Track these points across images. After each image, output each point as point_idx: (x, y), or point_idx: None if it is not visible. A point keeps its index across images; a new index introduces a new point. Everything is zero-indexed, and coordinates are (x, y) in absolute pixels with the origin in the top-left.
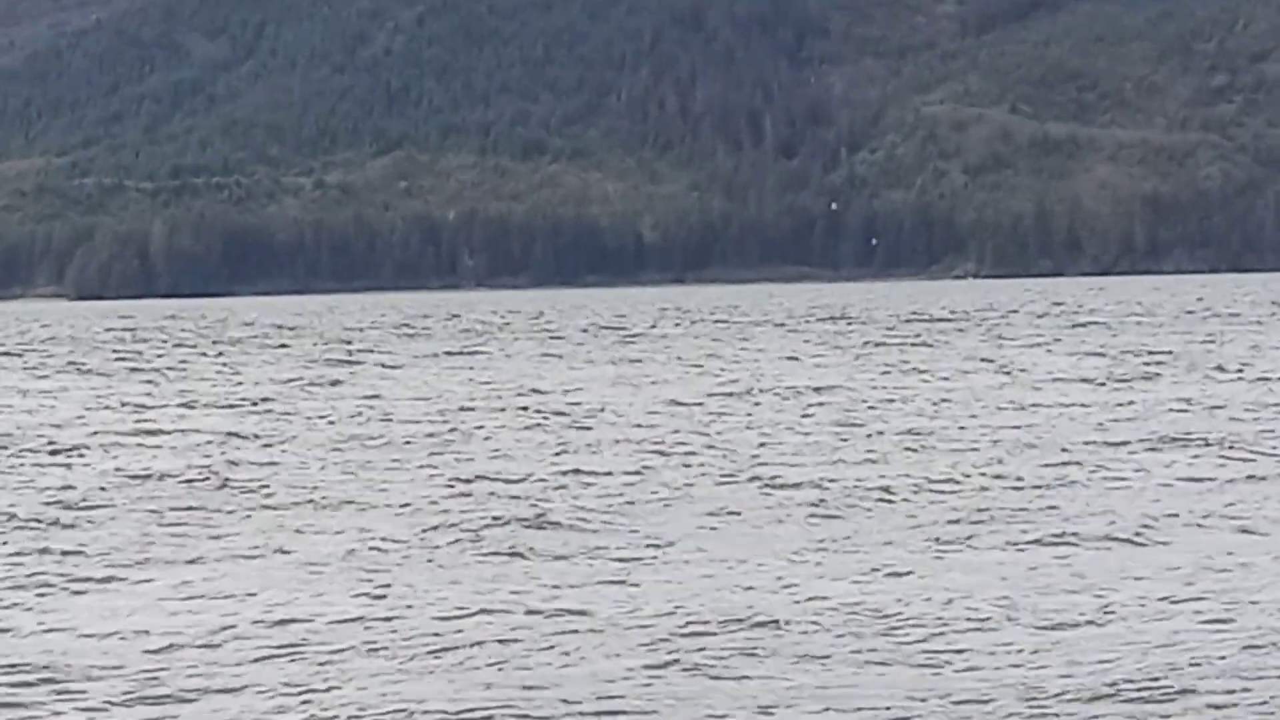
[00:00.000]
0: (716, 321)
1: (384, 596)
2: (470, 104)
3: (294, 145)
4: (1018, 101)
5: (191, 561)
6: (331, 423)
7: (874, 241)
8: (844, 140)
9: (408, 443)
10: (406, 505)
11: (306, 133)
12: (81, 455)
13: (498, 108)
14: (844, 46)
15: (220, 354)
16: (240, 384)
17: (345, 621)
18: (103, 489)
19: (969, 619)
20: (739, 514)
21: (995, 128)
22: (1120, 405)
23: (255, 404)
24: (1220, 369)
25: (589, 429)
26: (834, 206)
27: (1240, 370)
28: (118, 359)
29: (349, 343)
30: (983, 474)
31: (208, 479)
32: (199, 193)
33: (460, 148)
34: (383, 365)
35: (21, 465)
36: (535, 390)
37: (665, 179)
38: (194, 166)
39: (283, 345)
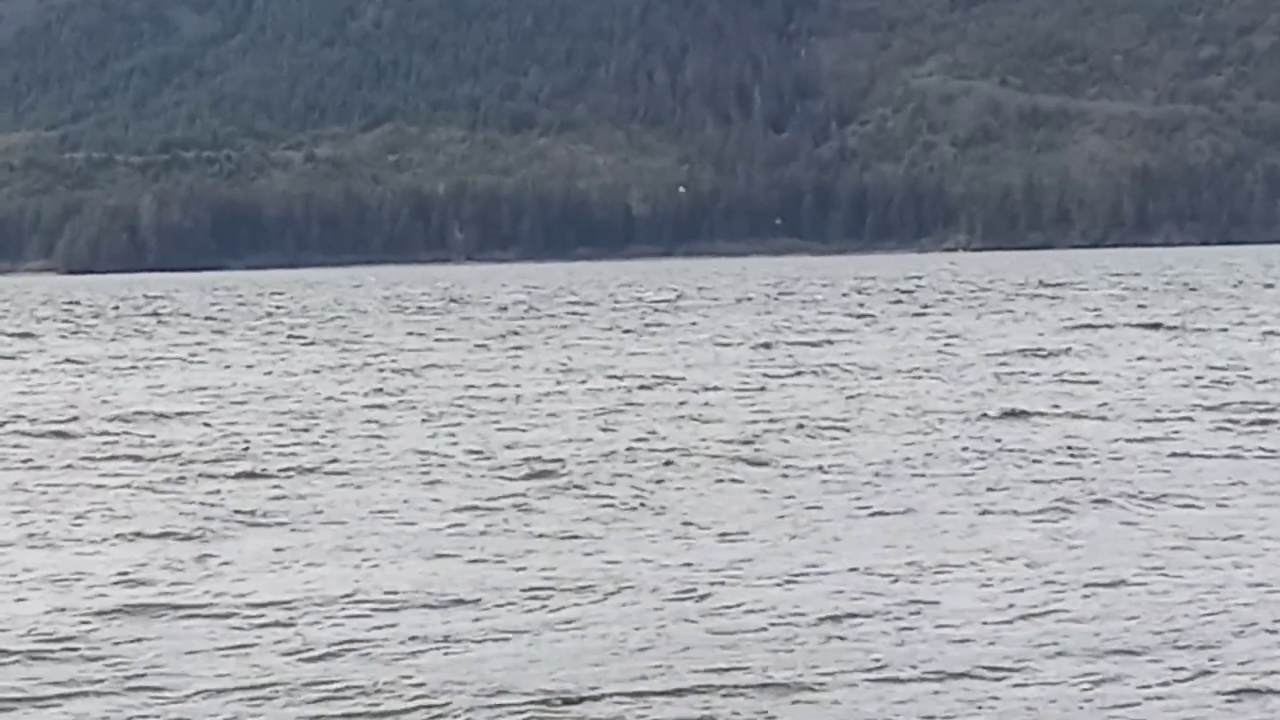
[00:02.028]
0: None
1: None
2: (459, 78)
3: (283, 119)
4: (1007, 74)
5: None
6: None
7: (779, 221)
8: (833, 113)
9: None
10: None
11: (296, 106)
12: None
13: (487, 81)
14: (833, 19)
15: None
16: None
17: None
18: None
19: None
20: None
21: (984, 100)
22: None
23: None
24: None
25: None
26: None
27: None
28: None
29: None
30: None
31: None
32: (188, 166)
33: (449, 121)
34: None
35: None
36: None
37: (654, 152)
38: (183, 140)
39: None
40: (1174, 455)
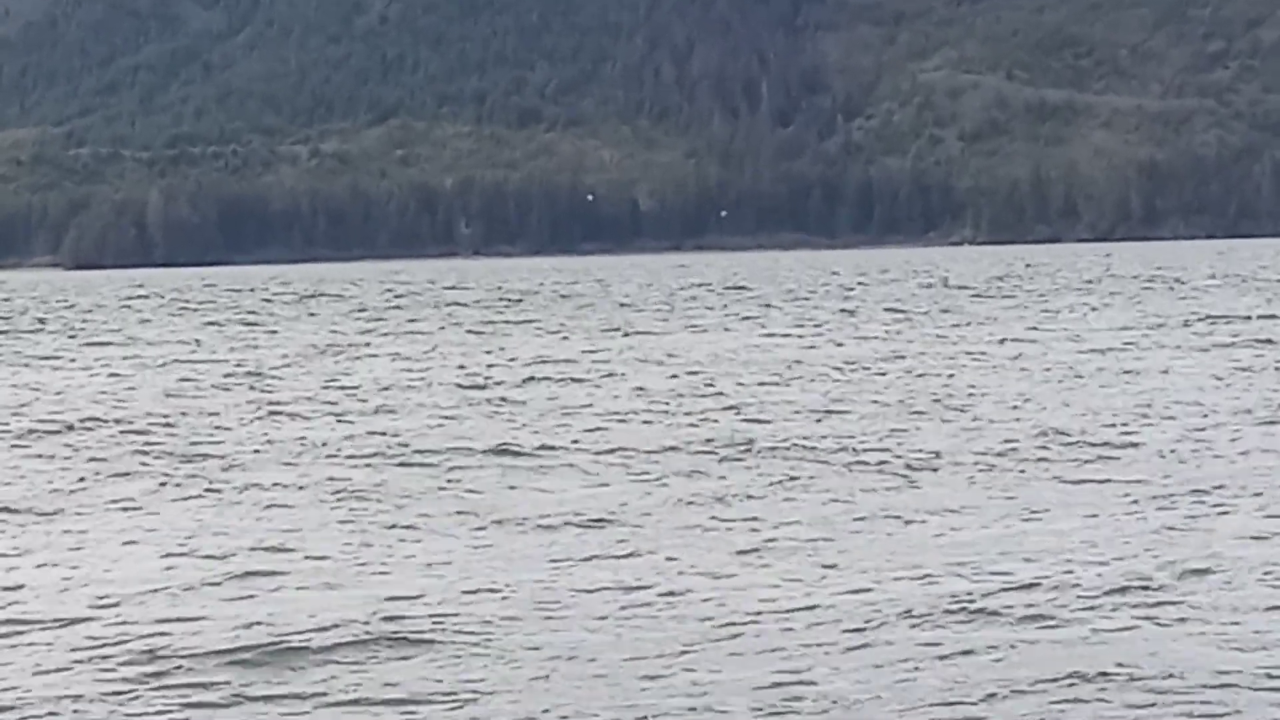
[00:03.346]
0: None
1: None
2: (466, 72)
3: (290, 114)
4: (1014, 68)
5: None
6: None
7: (723, 214)
8: (840, 107)
9: None
10: None
11: (302, 102)
12: None
13: (493, 76)
14: (840, 13)
15: None
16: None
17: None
18: None
19: None
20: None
21: (991, 94)
22: None
23: None
24: None
25: None
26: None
27: None
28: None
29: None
30: None
31: None
32: (195, 162)
33: (456, 116)
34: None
35: None
36: None
37: (661, 147)
38: (190, 136)
39: None
40: None
